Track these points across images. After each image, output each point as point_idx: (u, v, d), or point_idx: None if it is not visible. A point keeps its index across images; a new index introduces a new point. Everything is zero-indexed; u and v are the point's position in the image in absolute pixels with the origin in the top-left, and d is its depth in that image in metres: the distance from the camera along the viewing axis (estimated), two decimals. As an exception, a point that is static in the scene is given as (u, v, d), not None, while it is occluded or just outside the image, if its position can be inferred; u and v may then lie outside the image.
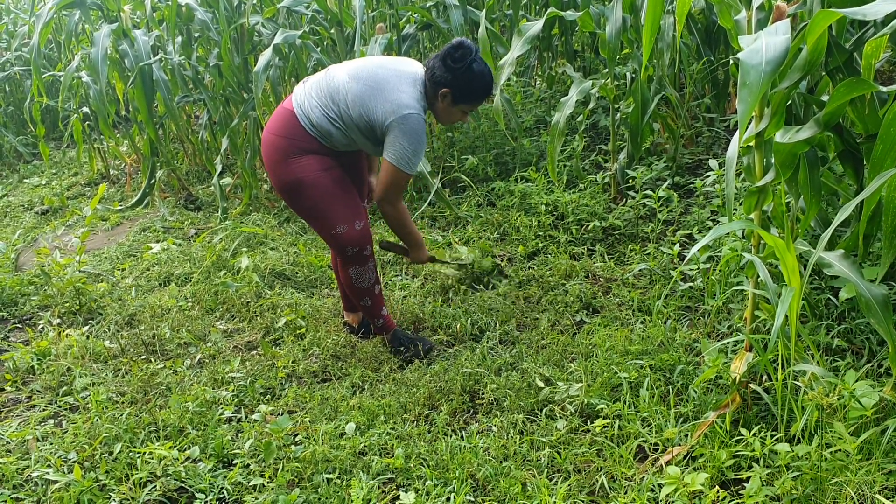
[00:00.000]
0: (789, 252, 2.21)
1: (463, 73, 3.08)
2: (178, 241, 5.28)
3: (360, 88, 3.10)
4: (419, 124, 3.09)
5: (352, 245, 3.29)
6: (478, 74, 3.11)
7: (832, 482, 2.19)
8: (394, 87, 3.08)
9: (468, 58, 3.06)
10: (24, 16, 8.95)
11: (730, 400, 2.60)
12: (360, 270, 3.36)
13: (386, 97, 3.07)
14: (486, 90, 3.18)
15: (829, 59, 2.45)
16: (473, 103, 3.21)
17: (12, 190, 7.86)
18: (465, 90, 3.13)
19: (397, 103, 3.05)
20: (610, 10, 4.21)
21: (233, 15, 5.92)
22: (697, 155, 4.99)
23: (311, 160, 3.19)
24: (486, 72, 3.14)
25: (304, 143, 3.18)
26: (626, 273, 3.93)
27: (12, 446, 2.99)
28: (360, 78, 3.13)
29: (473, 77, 3.10)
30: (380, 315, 3.51)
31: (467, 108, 3.22)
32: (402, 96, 3.07)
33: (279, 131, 3.20)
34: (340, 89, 3.13)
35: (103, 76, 5.72)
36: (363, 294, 3.43)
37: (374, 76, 3.12)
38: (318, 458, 2.73)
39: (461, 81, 3.09)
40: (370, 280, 3.41)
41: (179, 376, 3.43)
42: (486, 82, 3.15)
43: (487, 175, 5.28)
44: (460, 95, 3.14)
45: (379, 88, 3.09)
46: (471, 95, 3.16)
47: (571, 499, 2.44)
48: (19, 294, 4.57)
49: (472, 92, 3.15)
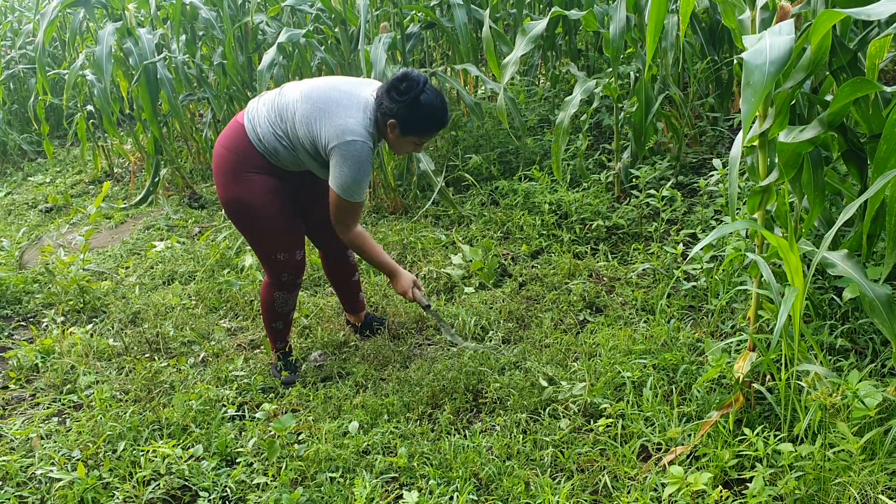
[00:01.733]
0: (793, 252, 2.21)
1: (409, 105, 2.96)
2: (181, 240, 5.29)
3: (308, 109, 3.00)
4: (362, 152, 2.96)
5: (288, 272, 3.25)
6: (425, 106, 2.99)
7: (835, 482, 2.19)
8: (342, 111, 2.97)
9: (413, 90, 2.94)
10: (28, 14, 8.97)
11: (733, 400, 2.59)
12: (286, 297, 3.32)
13: (332, 120, 2.95)
14: (434, 122, 3.07)
15: (833, 59, 2.44)
16: (423, 135, 3.09)
17: (16, 188, 7.87)
18: (412, 122, 3.00)
19: (342, 128, 2.94)
20: (614, 10, 4.21)
21: (237, 13, 5.94)
22: (701, 154, 4.98)
23: (259, 181, 3.10)
24: (436, 103, 3.02)
25: (252, 160, 3.09)
26: (630, 272, 3.92)
27: (16, 444, 3.00)
28: (311, 98, 3.02)
29: (421, 109, 2.98)
30: (285, 340, 3.45)
31: (417, 139, 3.10)
32: (350, 121, 2.95)
33: (228, 144, 3.12)
34: (289, 107, 3.04)
35: (107, 74, 5.73)
36: (279, 318, 3.37)
37: (324, 97, 3.01)
38: (322, 456, 2.73)
39: (408, 113, 2.98)
40: (290, 306, 3.37)
41: (183, 374, 3.44)
42: (434, 114, 3.03)
43: (491, 174, 5.28)
44: (408, 127, 3.02)
45: (326, 110, 2.97)
46: (418, 128, 3.04)
47: (574, 498, 2.44)
48: (23, 292, 4.58)
49: (420, 124, 3.03)
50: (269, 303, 3.32)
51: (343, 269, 3.58)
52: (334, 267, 3.58)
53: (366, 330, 3.72)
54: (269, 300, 3.32)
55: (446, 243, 4.58)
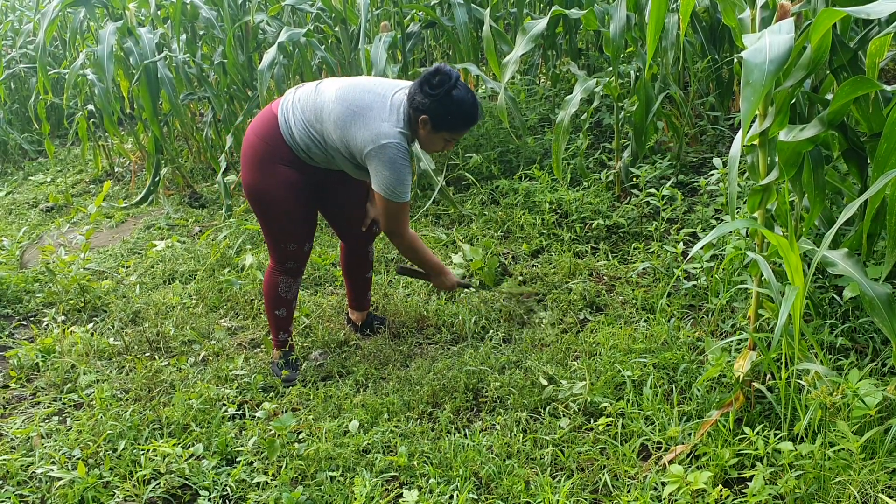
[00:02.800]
0: (793, 251, 2.21)
1: (441, 100, 2.97)
2: (182, 239, 5.29)
3: (343, 111, 3.01)
4: (398, 152, 2.98)
5: (294, 261, 3.30)
6: (457, 101, 2.99)
7: (835, 481, 2.19)
8: (376, 115, 2.99)
9: (445, 84, 2.95)
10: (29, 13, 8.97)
11: (733, 398, 2.59)
12: (290, 282, 3.35)
13: (367, 124, 2.98)
14: (467, 118, 3.07)
15: (834, 58, 2.44)
16: (455, 131, 3.10)
17: (17, 187, 7.88)
18: (444, 117, 3.01)
19: (376, 132, 2.96)
20: (614, 9, 4.21)
21: (237, 13, 5.94)
22: (701, 153, 4.98)
23: (284, 173, 3.12)
24: (468, 99, 3.03)
25: (280, 152, 3.11)
26: (630, 271, 3.92)
27: (17, 443, 3.00)
28: (346, 100, 3.03)
29: (452, 104, 2.99)
30: (287, 330, 3.46)
31: (449, 136, 3.11)
32: (383, 125, 2.97)
33: (260, 133, 3.14)
34: (325, 108, 3.05)
35: (108, 74, 5.74)
36: (282, 304, 3.39)
37: (358, 100, 3.02)
38: (322, 455, 2.73)
39: (440, 108, 2.99)
40: (293, 294, 3.40)
41: (183, 374, 3.44)
42: (466, 110, 3.03)
43: (491, 173, 5.28)
44: (440, 123, 3.03)
45: (361, 115, 2.99)
46: (451, 123, 3.05)
47: (574, 497, 2.44)
48: (24, 291, 4.59)
49: (452, 119, 3.04)
50: (272, 288, 3.35)
51: (362, 265, 3.62)
52: (353, 263, 3.61)
53: (366, 329, 3.72)
54: (272, 284, 3.35)
55: (447, 242, 4.58)
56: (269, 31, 6.06)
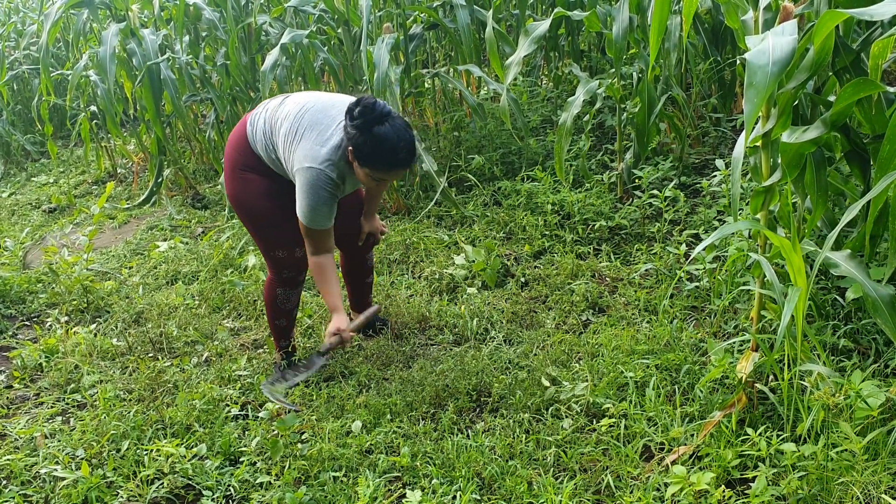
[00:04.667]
0: (796, 252, 2.21)
1: (362, 134, 2.78)
2: (185, 240, 5.30)
3: (288, 128, 2.95)
4: (317, 180, 2.85)
5: (288, 269, 3.25)
6: (378, 139, 2.77)
7: (838, 482, 2.19)
8: (316, 136, 2.88)
9: (365, 117, 2.76)
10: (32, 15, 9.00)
11: (736, 400, 2.60)
12: (287, 293, 3.32)
13: (301, 145, 2.89)
14: (385, 160, 2.82)
15: (836, 60, 2.45)
16: (376, 170, 2.86)
17: (20, 188, 7.89)
18: (364, 154, 2.81)
19: (304, 154, 2.87)
20: (617, 10, 4.21)
21: (240, 14, 5.95)
22: (704, 155, 4.98)
23: (255, 180, 3.10)
24: (392, 138, 2.77)
25: (249, 160, 3.10)
26: (633, 273, 3.93)
27: (20, 443, 3.01)
28: (294, 118, 2.95)
29: (372, 140, 2.77)
30: (288, 338, 3.44)
31: (372, 173, 2.87)
32: (316, 148, 2.86)
33: (233, 142, 3.16)
34: (278, 122, 3.00)
35: (111, 75, 5.75)
36: (281, 315, 3.36)
37: (306, 119, 2.93)
38: (325, 456, 2.74)
39: (360, 143, 2.79)
40: (293, 303, 3.37)
41: (186, 374, 3.45)
42: (385, 150, 2.78)
43: (494, 174, 5.28)
44: (361, 158, 2.83)
45: (301, 134, 2.91)
46: (371, 161, 2.82)
47: (577, 498, 2.44)
48: (27, 292, 4.60)
49: (372, 157, 2.81)
50: (271, 300, 3.33)
51: (361, 271, 3.62)
52: (353, 268, 3.61)
53: (369, 330, 3.72)
54: (271, 297, 3.33)
55: (449, 244, 4.59)
56: (271, 32, 6.07)
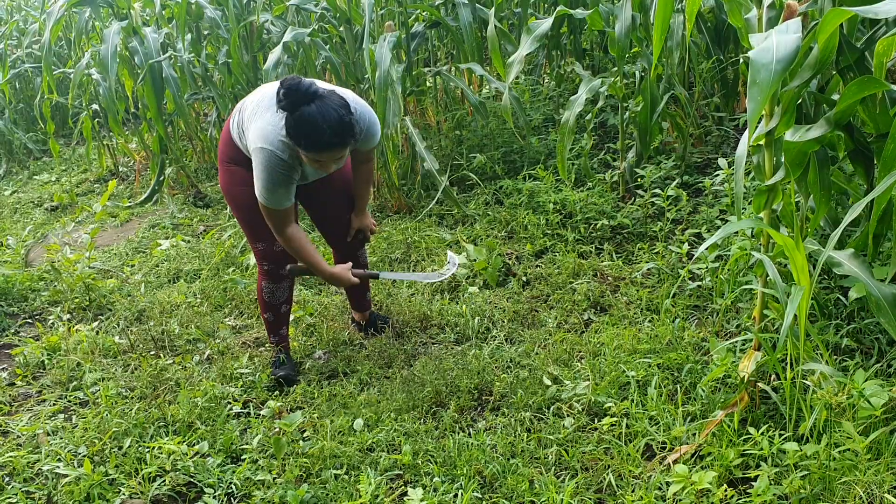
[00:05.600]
0: (799, 251, 2.21)
1: (290, 116, 2.71)
2: (186, 238, 5.30)
3: (252, 110, 2.94)
4: (270, 161, 2.82)
5: (268, 262, 3.27)
6: (302, 120, 2.69)
7: (841, 481, 2.19)
8: (269, 117, 2.85)
9: (290, 98, 2.68)
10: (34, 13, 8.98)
11: (738, 399, 2.60)
12: (272, 286, 3.33)
13: (257, 124, 2.87)
14: (314, 141, 2.73)
15: (840, 58, 2.44)
16: (307, 151, 2.78)
17: (22, 186, 7.89)
18: (293, 135, 2.75)
19: (260, 133, 2.84)
20: (619, 9, 4.20)
21: (242, 13, 5.95)
22: (706, 154, 4.98)
23: (238, 172, 3.12)
24: (316, 119, 2.68)
25: (232, 152, 3.13)
26: (635, 272, 3.92)
27: (23, 440, 3.01)
28: (259, 100, 2.94)
29: (297, 121, 2.70)
30: (278, 333, 3.46)
31: (307, 154, 2.80)
32: (268, 128, 2.83)
33: (222, 137, 3.20)
34: (246, 105, 3.01)
35: (113, 73, 5.75)
36: (269, 309, 3.38)
37: (268, 103, 2.89)
38: (327, 453, 2.74)
39: (289, 125, 2.73)
40: (280, 298, 3.37)
41: (188, 372, 3.45)
42: (313, 130, 2.70)
43: (495, 173, 5.28)
44: (292, 139, 2.77)
45: (258, 114, 2.89)
46: (298, 141, 2.75)
47: (579, 496, 2.44)
48: (29, 289, 4.59)
49: (298, 138, 2.74)
50: (259, 292, 3.39)
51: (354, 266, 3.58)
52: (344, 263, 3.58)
53: (370, 328, 3.72)
54: (259, 289, 3.39)
55: (450, 242, 4.58)
56: (273, 30, 6.06)
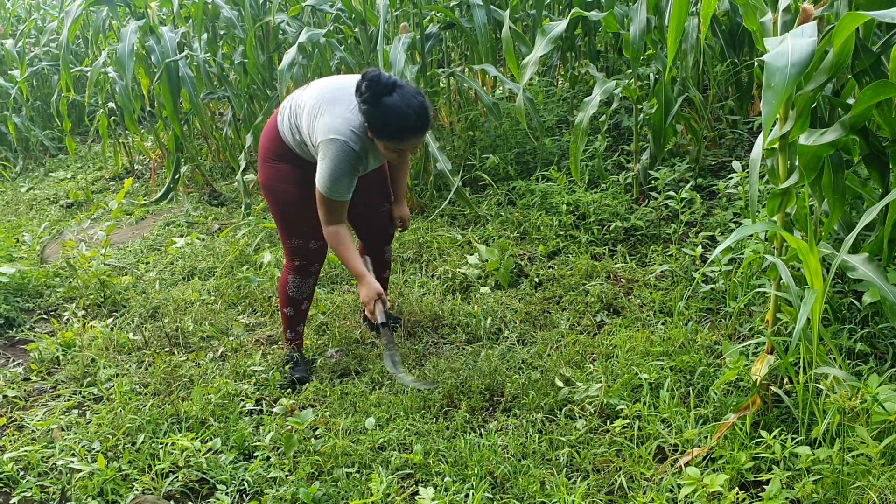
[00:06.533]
0: (812, 254, 2.21)
1: (373, 108, 2.83)
2: (201, 236, 5.33)
3: (312, 105, 3.02)
4: (343, 151, 2.90)
5: (300, 258, 3.31)
6: (389, 110, 2.82)
7: (854, 486, 2.19)
8: (337, 110, 2.94)
9: (372, 91, 2.80)
10: (53, 12, 9.06)
11: (750, 402, 2.59)
12: (298, 281, 3.36)
13: (324, 118, 2.95)
14: (398, 128, 2.86)
15: (856, 62, 2.44)
16: (393, 140, 2.91)
17: (38, 183, 7.95)
18: (378, 126, 2.87)
19: (330, 126, 2.92)
20: (634, 11, 4.20)
21: (258, 13, 5.97)
22: (720, 157, 4.97)
23: (285, 170, 3.19)
24: (401, 106, 2.82)
25: (279, 149, 3.18)
26: (648, 274, 3.92)
27: (38, 435, 3.04)
28: (318, 97, 3.03)
29: (383, 112, 2.83)
30: (295, 329, 3.48)
31: (389, 145, 2.93)
32: (338, 121, 2.91)
33: (266, 133, 3.25)
34: (302, 103, 3.08)
35: (129, 72, 5.79)
36: (290, 303, 3.41)
37: (328, 96, 3.00)
38: (338, 451, 2.75)
39: (373, 116, 2.85)
40: (303, 294, 3.40)
41: (202, 369, 3.47)
42: (397, 119, 2.83)
43: (508, 174, 5.28)
44: (376, 132, 2.90)
45: (324, 109, 2.97)
46: (383, 131, 2.88)
47: (590, 498, 2.44)
48: (45, 286, 4.63)
49: (384, 129, 2.87)
50: (283, 286, 3.40)
51: (379, 265, 3.62)
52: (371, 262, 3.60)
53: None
54: (283, 283, 3.40)
55: (462, 243, 4.59)
56: (289, 31, 6.09)
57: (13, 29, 10.13)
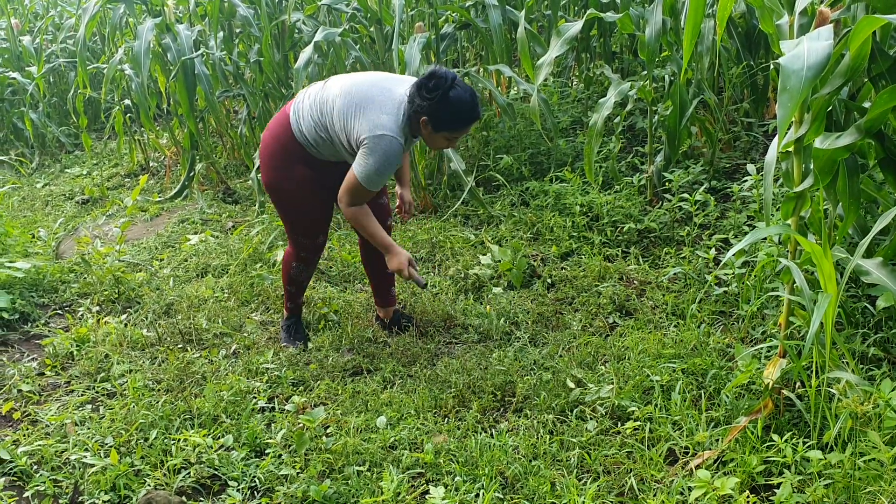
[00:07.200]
0: (826, 258, 2.20)
1: (439, 102, 3.02)
2: (215, 234, 5.36)
3: (345, 103, 3.11)
4: (391, 147, 3.05)
5: (306, 251, 3.53)
6: (455, 102, 3.03)
7: (865, 491, 2.18)
8: (377, 108, 3.07)
9: (441, 87, 3.00)
10: (70, 9, 9.12)
11: (762, 405, 2.58)
12: (302, 268, 3.59)
13: (367, 116, 3.06)
14: (465, 118, 3.10)
15: (873, 66, 2.42)
16: (455, 130, 3.13)
17: (54, 179, 8.01)
18: (442, 119, 3.06)
19: (375, 123, 3.03)
20: (650, 13, 4.19)
21: (274, 11, 6.00)
22: (735, 159, 4.95)
23: (297, 170, 3.30)
24: (466, 97, 3.06)
25: (293, 150, 3.27)
26: (661, 276, 3.91)
27: (51, 429, 3.06)
28: (349, 94, 3.12)
29: (450, 105, 3.03)
30: (296, 301, 3.72)
31: (449, 135, 3.14)
32: (383, 118, 3.05)
33: (274, 133, 3.32)
34: (328, 101, 3.16)
35: (145, 69, 5.82)
36: (293, 283, 3.65)
37: (361, 94, 3.12)
38: (349, 450, 2.76)
39: (438, 110, 3.03)
40: (305, 277, 3.64)
41: (215, 366, 3.49)
42: (464, 109, 3.07)
43: (522, 175, 5.28)
44: (439, 124, 3.08)
45: (362, 107, 3.08)
46: (450, 123, 3.09)
47: (600, 499, 2.44)
48: (60, 281, 4.67)
49: (451, 120, 3.08)
50: (287, 270, 3.62)
51: (380, 259, 3.61)
52: (371, 257, 3.67)
53: (394, 326, 3.74)
54: (287, 268, 3.61)
55: (475, 243, 4.59)
56: (305, 30, 6.11)
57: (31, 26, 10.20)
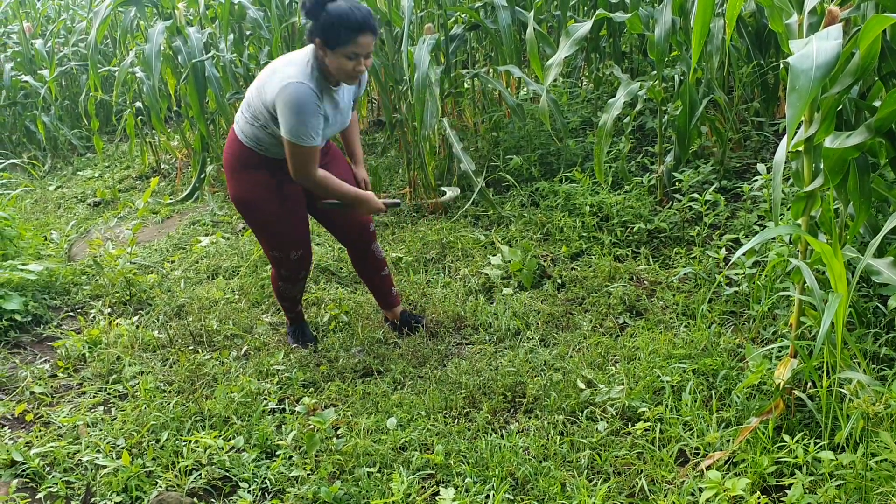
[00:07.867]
0: (837, 258, 2.19)
1: (322, 20, 2.94)
2: (226, 235, 5.38)
3: (260, 81, 3.13)
4: (300, 92, 2.96)
5: (285, 268, 3.48)
6: (335, 13, 2.92)
7: (877, 492, 2.17)
8: (283, 67, 3.05)
9: (316, 3, 2.93)
10: (81, 12, 9.17)
11: (773, 406, 2.57)
12: (288, 287, 3.58)
13: (272, 80, 3.04)
14: (348, 25, 2.94)
15: (883, 65, 2.41)
16: (348, 44, 2.96)
17: (66, 182, 8.05)
18: (328, 35, 2.95)
19: (281, 78, 3.00)
20: (659, 13, 4.18)
21: (284, 14, 6.01)
22: (745, 159, 4.93)
23: (256, 178, 3.27)
24: (345, 6, 2.94)
25: (244, 157, 3.25)
26: (671, 276, 3.90)
27: (64, 431, 3.08)
28: (262, 72, 3.16)
29: (331, 17, 2.92)
30: (294, 311, 3.74)
31: (346, 51, 2.97)
32: (288, 70, 3.01)
33: (227, 147, 3.34)
34: (251, 90, 3.18)
35: (156, 72, 5.85)
36: (284, 300, 3.67)
37: (271, 67, 3.13)
38: (360, 451, 2.77)
39: (324, 26, 2.94)
40: (293, 294, 3.64)
41: (226, 367, 3.50)
42: (346, 18, 2.93)
43: (532, 175, 5.28)
44: (330, 40, 2.96)
45: (271, 73, 3.08)
46: (335, 38, 2.95)
47: (611, 500, 2.44)
48: (72, 283, 4.69)
49: (335, 32, 2.94)
50: (275, 287, 3.65)
51: (369, 263, 3.67)
52: (360, 262, 3.70)
53: (404, 327, 3.74)
54: (275, 285, 3.64)
55: (485, 243, 4.59)
56: (314, 31, 6.12)
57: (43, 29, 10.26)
